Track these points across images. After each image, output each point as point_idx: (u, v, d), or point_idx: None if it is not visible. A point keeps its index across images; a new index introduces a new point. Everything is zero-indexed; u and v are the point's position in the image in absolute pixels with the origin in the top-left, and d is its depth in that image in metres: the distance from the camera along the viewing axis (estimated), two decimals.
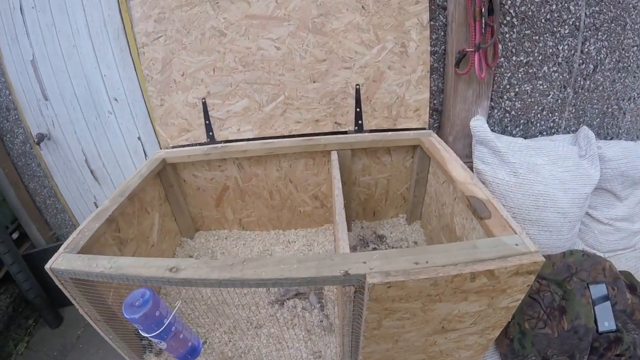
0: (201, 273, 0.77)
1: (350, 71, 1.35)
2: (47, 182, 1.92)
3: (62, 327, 1.98)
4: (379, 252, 0.78)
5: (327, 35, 1.32)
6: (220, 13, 1.33)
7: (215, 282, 0.76)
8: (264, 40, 1.34)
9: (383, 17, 1.31)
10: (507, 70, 1.50)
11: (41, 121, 1.75)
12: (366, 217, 1.58)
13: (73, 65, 1.60)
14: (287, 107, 1.39)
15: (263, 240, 1.56)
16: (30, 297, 1.85)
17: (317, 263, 0.76)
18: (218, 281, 0.76)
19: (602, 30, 1.52)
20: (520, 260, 0.74)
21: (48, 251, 1.96)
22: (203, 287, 0.79)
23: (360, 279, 0.73)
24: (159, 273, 0.79)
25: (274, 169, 1.43)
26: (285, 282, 0.75)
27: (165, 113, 1.43)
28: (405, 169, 1.45)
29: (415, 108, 1.40)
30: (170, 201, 1.47)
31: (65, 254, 0.91)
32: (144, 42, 1.38)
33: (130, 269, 0.81)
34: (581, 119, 1.68)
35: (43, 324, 1.99)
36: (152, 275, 0.79)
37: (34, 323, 2.00)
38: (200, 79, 1.39)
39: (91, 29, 1.53)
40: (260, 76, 1.36)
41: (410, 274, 0.72)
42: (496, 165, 1.33)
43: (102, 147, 1.76)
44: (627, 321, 1.30)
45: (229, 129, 1.43)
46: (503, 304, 0.83)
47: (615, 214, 1.54)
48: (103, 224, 1.04)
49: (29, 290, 1.83)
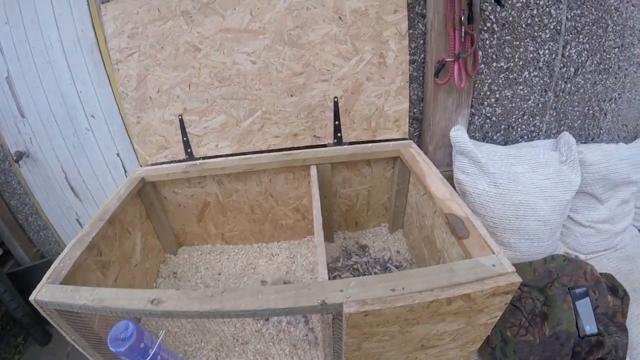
0: (182, 305, 0.77)
1: (328, 84, 1.34)
2: (28, 200, 1.90)
3: (51, 344, 1.96)
4: (355, 279, 0.78)
5: (303, 48, 1.30)
6: (194, 27, 1.30)
7: (196, 313, 0.77)
8: (240, 55, 1.31)
9: (361, 28, 1.29)
10: (487, 76, 1.49)
11: (19, 138, 1.72)
12: (348, 227, 1.58)
13: (48, 81, 1.57)
14: (265, 122, 1.38)
15: (246, 253, 1.56)
16: (18, 315, 1.83)
17: (294, 293, 0.76)
18: (199, 313, 0.76)
19: (584, 34, 1.51)
20: (497, 282, 0.75)
21: (33, 269, 1.94)
22: (184, 318, 0.79)
23: (337, 307, 0.74)
24: (140, 305, 0.78)
25: (254, 184, 1.42)
26: (264, 312, 0.76)
27: (143, 130, 1.41)
28: (385, 179, 1.45)
29: (395, 119, 1.39)
30: (151, 219, 1.46)
31: (48, 284, 0.91)
32: (117, 59, 1.36)
33: (112, 301, 0.81)
34: (562, 121, 1.68)
35: (32, 342, 1.97)
36: (134, 307, 0.79)
37: (22, 341, 1.98)
38: (176, 95, 1.36)
39: (65, 45, 1.49)
40: (237, 91, 1.34)
41: (387, 302, 0.72)
42: (476, 175, 1.33)
43: (82, 163, 1.73)
44: (608, 324, 1.31)
45: (207, 145, 1.41)
46: (481, 321, 0.84)
47: (597, 217, 1.56)
48: (84, 250, 1.03)
49: (16, 310, 1.81)
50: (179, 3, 1.28)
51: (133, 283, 1.31)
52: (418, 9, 1.37)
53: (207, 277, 1.48)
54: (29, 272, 1.94)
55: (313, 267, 1.44)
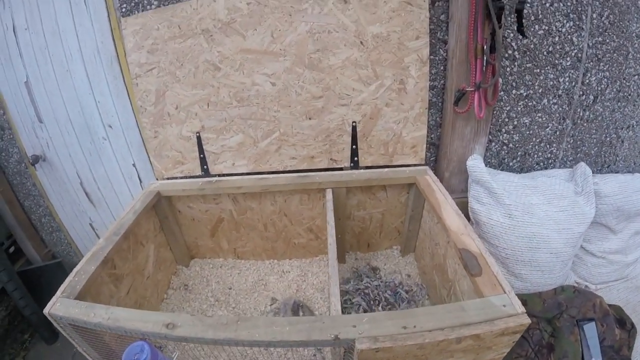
0: (197, 331, 0.79)
1: (347, 108, 1.33)
2: (42, 202, 1.92)
3: (57, 343, 1.99)
4: (368, 315, 0.79)
5: (323, 72, 1.30)
6: (214, 46, 1.30)
7: (210, 340, 0.79)
8: (259, 76, 1.31)
9: (382, 53, 1.28)
10: (506, 104, 1.48)
11: (36, 143, 1.74)
12: (360, 248, 1.59)
13: (67, 89, 1.58)
14: (282, 144, 1.38)
15: (258, 269, 1.57)
16: (26, 313, 1.87)
17: (308, 326, 0.78)
18: (213, 340, 0.78)
19: (604, 61, 1.49)
20: (507, 323, 0.76)
21: (44, 269, 1.97)
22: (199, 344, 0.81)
23: (349, 342, 0.75)
24: (155, 329, 0.80)
25: (268, 203, 1.43)
26: (279, 344, 0.78)
27: (160, 145, 1.42)
28: (400, 204, 1.45)
29: (412, 145, 1.38)
30: (165, 231, 1.48)
31: (63, 298, 0.92)
32: (137, 73, 1.36)
33: (127, 322, 0.83)
34: (579, 149, 1.67)
35: (39, 339, 2.01)
36: (149, 330, 0.81)
37: (29, 338, 2.02)
38: (194, 112, 1.37)
39: (84, 55, 1.50)
40: (255, 112, 1.35)
41: (398, 340, 0.73)
42: (491, 206, 1.33)
43: (97, 171, 1.75)
44: (614, 357, 1.32)
45: (224, 163, 1.42)
46: (488, 357, 0.85)
47: (609, 247, 1.55)
48: (99, 265, 1.05)
49: (25, 307, 1.85)
50: (200, 21, 1.28)
51: (145, 294, 1.33)
52: (440, 34, 1.35)
53: (217, 291, 1.49)
54: (40, 272, 1.98)
55: (324, 287, 1.46)
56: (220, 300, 1.45)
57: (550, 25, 1.38)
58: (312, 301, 1.41)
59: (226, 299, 1.45)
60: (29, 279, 1.91)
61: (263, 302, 1.43)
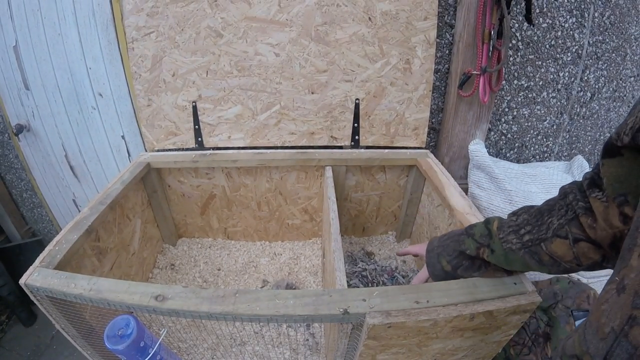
0: (190, 304, 0.71)
1: (351, 84, 1.31)
2: (24, 175, 1.82)
3: (35, 325, 1.88)
4: (378, 289, 0.75)
5: (329, 45, 1.27)
6: (218, 12, 1.26)
7: (205, 314, 0.71)
8: (263, 45, 1.28)
9: (389, 31, 1.26)
10: (507, 93, 1.49)
11: (21, 111, 1.64)
12: (355, 232, 1.55)
13: (57, 54, 1.50)
14: (282, 117, 1.34)
15: (248, 251, 1.51)
16: (4, 293, 1.75)
17: (314, 299, 0.72)
18: (208, 314, 0.71)
19: (603, 60, 1.52)
20: (519, 300, 0.74)
21: (23, 246, 1.86)
22: (192, 318, 0.73)
23: (359, 317, 0.70)
24: (143, 301, 0.72)
25: (264, 180, 1.38)
26: (282, 318, 0.71)
27: (153, 114, 1.36)
28: (398, 187, 1.42)
29: (414, 127, 1.36)
30: (153, 207, 1.40)
31: (41, 268, 0.83)
32: (134, 37, 1.30)
33: (111, 294, 0.74)
34: (574, 145, 1.68)
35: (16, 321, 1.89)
36: (136, 303, 0.72)
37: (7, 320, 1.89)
38: (191, 80, 1.31)
39: (78, 18, 1.43)
40: (256, 83, 1.30)
41: (411, 315, 0.69)
42: (492, 191, 1.31)
43: (84, 143, 1.66)
44: None
45: (219, 136, 1.37)
46: (496, 338, 0.83)
47: None
48: (82, 235, 0.97)
49: (3, 287, 1.73)
50: None
51: (129, 272, 1.25)
52: (447, 18, 1.35)
53: (205, 271, 1.42)
54: (19, 250, 1.87)
55: (317, 271, 1.41)
56: (209, 282, 1.38)
57: (554, 19, 1.40)
58: (305, 285, 1.36)
59: (215, 280, 1.39)
60: (7, 256, 1.79)
61: (254, 284, 1.37)
